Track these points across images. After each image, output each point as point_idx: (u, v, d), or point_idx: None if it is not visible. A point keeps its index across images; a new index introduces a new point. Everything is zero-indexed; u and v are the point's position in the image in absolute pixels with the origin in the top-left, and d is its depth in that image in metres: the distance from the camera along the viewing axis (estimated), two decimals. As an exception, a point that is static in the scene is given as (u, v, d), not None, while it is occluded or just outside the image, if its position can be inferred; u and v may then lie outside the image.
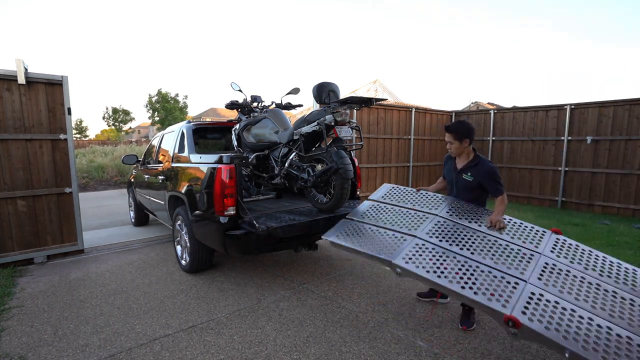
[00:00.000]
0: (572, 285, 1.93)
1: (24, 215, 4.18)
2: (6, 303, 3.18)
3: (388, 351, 2.44)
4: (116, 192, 11.10)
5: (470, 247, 2.33)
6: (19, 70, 3.96)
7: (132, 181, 6.19)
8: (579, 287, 1.92)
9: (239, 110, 4.15)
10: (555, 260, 2.19)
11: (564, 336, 1.56)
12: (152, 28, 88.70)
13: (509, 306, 1.73)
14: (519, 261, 2.16)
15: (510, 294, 1.83)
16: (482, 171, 2.76)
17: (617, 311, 1.74)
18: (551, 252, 2.28)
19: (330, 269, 4.01)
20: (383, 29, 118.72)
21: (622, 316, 1.70)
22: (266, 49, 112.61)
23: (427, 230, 2.57)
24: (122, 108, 36.71)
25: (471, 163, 2.81)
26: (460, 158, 2.88)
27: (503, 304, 1.75)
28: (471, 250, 2.28)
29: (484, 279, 1.97)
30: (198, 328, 2.75)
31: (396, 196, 3.24)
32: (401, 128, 8.74)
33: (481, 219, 2.67)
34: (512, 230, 2.54)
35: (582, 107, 7.33)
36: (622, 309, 1.76)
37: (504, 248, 2.31)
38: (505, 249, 2.30)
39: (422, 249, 2.34)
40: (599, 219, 6.53)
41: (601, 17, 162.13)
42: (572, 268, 2.12)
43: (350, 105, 3.12)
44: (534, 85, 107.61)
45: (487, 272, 2.03)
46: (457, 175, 2.89)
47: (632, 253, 4.46)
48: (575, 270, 2.10)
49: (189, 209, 3.63)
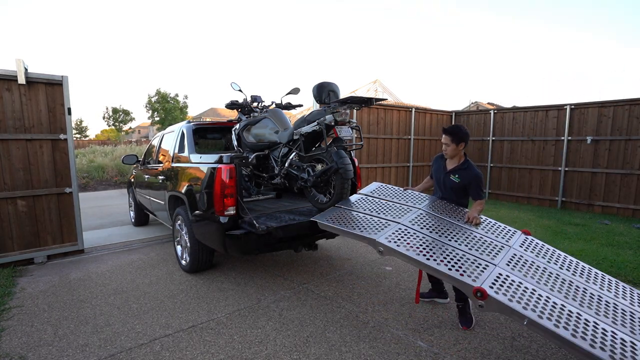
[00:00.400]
0: (535, 273, 2.19)
1: (24, 215, 4.18)
2: (6, 303, 3.19)
3: (388, 351, 2.44)
4: (116, 192, 11.11)
5: (448, 235, 2.57)
6: (19, 70, 3.96)
7: (132, 181, 6.19)
8: (540, 275, 2.18)
9: (239, 110, 4.15)
10: (523, 253, 2.44)
11: (523, 307, 1.80)
12: (152, 28, 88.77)
13: (478, 281, 1.98)
14: (490, 250, 2.40)
15: (480, 273, 2.07)
16: (470, 175, 2.91)
17: (570, 295, 2.01)
18: (520, 247, 2.52)
19: (330, 269, 4.01)
20: (383, 29, 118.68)
21: (574, 299, 1.98)
22: (266, 49, 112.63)
23: (409, 219, 2.79)
24: (122, 108, 36.70)
25: (461, 166, 2.95)
26: (452, 160, 3.00)
27: (473, 279, 2.00)
28: (449, 238, 2.52)
29: (458, 259, 2.22)
30: (198, 328, 2.75)
31: (384, 192, 3.46)
32: (401, 128, 8.74)
33: (459, 215, 2.91)
34: (487, 227, 2.79)
35: (582, 107, 7.33)
36: (576, 294, 2.03)
37: (477, 239, 2.56)
38: (479, 240, 2.55)
39: (404, 233, 2.56)
40: (599, 219, 6.53)
41: (601, 17, 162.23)
42: (537, 260, 2.38)
43: (350, 105, 3.12)
44: (534, 85, 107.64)
45: (462, 255, 2.30)
46: (446, 175, 3.02)
47: (632, 253, 4.46)
48: (539, 262, 2.36)
49: (189, 209, 3.63)
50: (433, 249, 2.35)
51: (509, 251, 2.41)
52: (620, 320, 1.83)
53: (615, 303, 2.01)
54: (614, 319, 1.84)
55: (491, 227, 2.78)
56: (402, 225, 2.67)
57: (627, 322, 1.83)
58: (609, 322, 1.80)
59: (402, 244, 2.39)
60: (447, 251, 2.33)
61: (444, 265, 2.15)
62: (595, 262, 4.08)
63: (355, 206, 3.14)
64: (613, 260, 4.13)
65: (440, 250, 2.33)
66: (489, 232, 2.66)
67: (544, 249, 2.58)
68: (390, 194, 3.40)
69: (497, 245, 2.49)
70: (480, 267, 2.14)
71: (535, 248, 2.55)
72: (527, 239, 2.66)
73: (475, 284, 1.93)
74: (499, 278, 2.03)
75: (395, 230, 2.60)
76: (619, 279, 3.68)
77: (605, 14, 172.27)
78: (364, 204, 3.17)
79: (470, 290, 1.94)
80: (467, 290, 1.97)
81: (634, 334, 1.74)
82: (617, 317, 1.86)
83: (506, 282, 2.00)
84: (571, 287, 2.10)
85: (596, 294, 2.07)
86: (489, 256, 2.29)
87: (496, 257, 2.28)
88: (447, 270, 2.09)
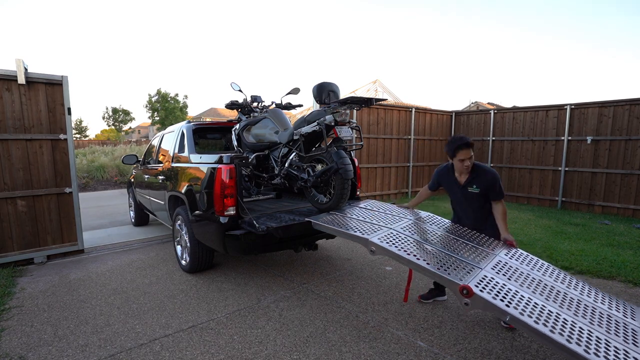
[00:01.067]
0: (518, 278, 2.30)
1: (24, 215, 4.18)
2: (6, 303, 3.19)
3: (388, 351, 2.44)
4: (116, 192, 11.11)
5: (438, 241, 2.70)
6: (19, 70, 3.96)
7: (132, 181, 6.19)
8: (524, 280, 2.29)
9: (239, 110, 4.15)
10: (508, 261, 2.54)
11: (506, 305, 1.92)
12: (152, 28, 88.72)
13: (464, 281, 2.09)
14: (476, 256, 2.50)
15: (466, 274, 2.19)
16: (487, 179, 2.82)
17: (552, 298, 2.12)
18: (505, 255, 2.62)
19: (330, 269, 4.01)
20: (383, 29, 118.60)
21: (555, 301, 2.10)
22: (266, 49, 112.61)
23: (402, 226, 2.92)
24: (122, 108, 36.72)
25: (473, 175, 2.85)
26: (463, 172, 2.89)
27: (460, 279, 2.11)
28: (438, 244, 2.64)
29: (446, 261, 2.35)
30: (198, 328, 2.75)
31: (377, 205, 3.59)
32: (401, 128, 8.74)
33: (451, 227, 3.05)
34: (473, 237, 2.88)
35: (582, 107, 7.33)
36: (556, 297, 2.15)
37: (464, 246, 2.67)
38: (466, 246, 2.66)
39: (395, 236, 2.68)
40: (599, 219, 6.53)
41: (601, 17, 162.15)
42: (521, 267, 2.48)
43: (350, 106, 3.12)
44: (534, 85, 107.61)
45: (449, 257, 2.41)
46: (463, 189, 2.91)
47: (632, 253, 4.46)
48: (523, 269, 2.46)
49: (189, 209, 3.63)
50: (423, 251, 2.47)
51: (494, 258, 2.51)
52: (597, 322, 1.98)
53: (593, 307, 2.14)
54: (591, 320, 1.98)
55: (477, 237, 2.88)
56: (393, 230, 2.79)
57: (603, 323, 1.98)
58: (586, 322, 1.93)
59: (393, 245, 2.48)
60: (436, 253, 2.45)
61: (433, 265, 2.27)
62: (596, 262, 4.08)
63: (349, 212, 3.28)
64: (613, 260, 4.13)
65: (430, 253, 2.45)
66: (474, 241, 2.78)
67: (528, 258, 2.68)
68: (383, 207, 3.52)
69: (483, 252, 2.60)
70: (467, 269, 2.26)
71: (520, 257, 2.66)
72: (512, 249, 2.76)
73: (462, 282, 2.05)
74: (484, 279, 2.15)
75: (387, 233, 2.72)
76: (619, 279, 3.69)
77: (605, 14, 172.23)
78: (357, 212, 3.28)
79: (456, 288, 2.04)
80: (453, 288, 2.07)
81: (609, 333, 1.88)
82: (594, 318, 2.00)
83: (491, 283, 2.12)
84: (552, 291, 2.21)
85: (576, 298, 2.20)
86: (474, 260, 2.40)
87: (482, 262, 2.39)
88: (436, 269, 2.20)
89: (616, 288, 3.48)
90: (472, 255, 2.48)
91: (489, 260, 2.44)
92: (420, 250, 2.48)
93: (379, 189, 8.49)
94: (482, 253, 2.57)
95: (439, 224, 3.12)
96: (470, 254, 2.50)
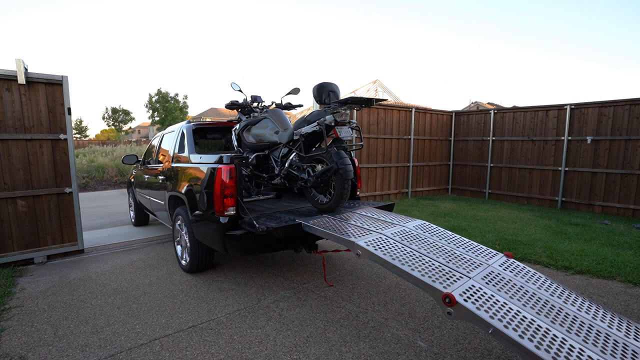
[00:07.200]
0: (509, 290, 2.20)
1: (24, 215, 4.18)
2: (6, 303, 3.19)
3: (388, 351, 2.44)
4: (116, 192, 11.11)
5: (427, 249, 2.64)
6: (19, 70, 3.96)
7: (132, 181, 6.19)
8: (515, 292, 2.19)
9: (239, 110, 4.15)
10: (501, 272, 2.45)
11: (491, 316, 1.84)
12: (152, 28, 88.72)
13: (449, 289, 2.02)
14: (467, 266, 2.44)
15: (453, 283, 2.12)
16: None
17: (544, 312, 2.01)
18: (499, 267, 2.54)
19: (330, 269, 4.01)
20: (383, 29, 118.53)
21: (547, 316, 1.99)
22: (266, 49, 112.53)
23: (392, 232, 2.89)
24: (122, 108, 36.64)
25: None
26: None
27: (444, 287, 2.04)
28: (427, 251, 2.59)
29: (433, 269, 2.29)
30: (198, 328, 2.75)
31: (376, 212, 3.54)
32: (401, 128, 8.74)
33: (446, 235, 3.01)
34: (468, 247, 2.83)
35: (582, 107, 7.33)
36: (550, 312, 2.02)
37: (456, 256, 2.60)
38: (458, 256, 2.59)
39: (383, 241, 2.66)
40: (599, 219, 6.53)
41: (601, 17, 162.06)
42: (515, 279, 2.37)
43: (350, 106, 3.12)
44: (534, 85, 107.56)
45: (437, 266, 2.36)
46: None
47: (632, 253, 4.46)
48: (517, 281, 2.36)
49: (189, 209, 3.63)
50: (411, 258, 2.43)
51: (487, 268, 2.44)
52: (592, 340, 1.83)
53: (590, 324, 2.01)
54: (586, 338, 1.83)
55: (472, 248, 2.82)
56: (382, 235, 2.77)
57: (599, 342, 1.82)
58: (579, 340, 1.80)
59: (379, 250, 2.47)
60: (424, 261, 2.41)
61: (418, 271, 2.23)
62: (596, 262, 4.08)
63: (340, 216, 3.30)
64: (613, 261, 4.13)
65: (417, 260, 2.41)
66: (469, 252, 2.72)
67: (524, 270, 2.58)
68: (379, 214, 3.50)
69: (476, 262, 2.53)
70: (454, 277, 2.20)
71: (515, 269, 2.55)
72: (508, 261, 2.69)
73: (445, 290, 1.99)
74: (471, 289, 2.09)
75: (375, 237, 2.71)
76: (619, 279, 3.68)
77: (605, 13, 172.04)
78: (351, 216, 3.30)
79: (439, 296, 1.98)
80: (436, 296, 2.01)
81: (604, 354, 1.73)
82: (589, 336, 1.85)
83: (477, 294, 2.05)
84: (546, 305, 2.09)
85: (572, 314, 2.06)
86: (464, 270, 2.34)
87: (472, 272, 2.32)
88: (420, 275, 2.16)
89: (616, 288, 3.48)
90: (464, 265, 2.43)
91: (480, 270, 2.38)
92: (407, 256, 2.45)
93: (379, 189, 8.49)
94: (475, 263, 2.51)
95: (433, 232, 3.07)
96: (461, 263, 2.45)
